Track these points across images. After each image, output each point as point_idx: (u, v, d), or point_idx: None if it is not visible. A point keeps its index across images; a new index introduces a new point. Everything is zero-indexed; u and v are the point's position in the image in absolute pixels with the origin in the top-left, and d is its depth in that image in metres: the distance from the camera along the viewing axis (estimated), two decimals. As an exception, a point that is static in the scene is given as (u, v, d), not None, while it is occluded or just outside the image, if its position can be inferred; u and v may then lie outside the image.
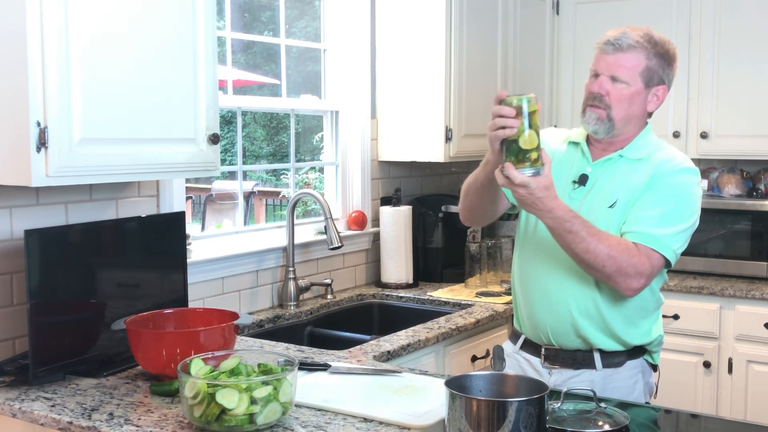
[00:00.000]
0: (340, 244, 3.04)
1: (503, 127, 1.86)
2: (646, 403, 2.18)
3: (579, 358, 2.17)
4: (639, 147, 2.15)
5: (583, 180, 2.16)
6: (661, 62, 2.12)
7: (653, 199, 2.07)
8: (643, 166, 2.12)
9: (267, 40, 3.51)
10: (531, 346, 2.26)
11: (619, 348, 2.16)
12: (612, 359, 2.16)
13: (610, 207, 2.10)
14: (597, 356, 2.16)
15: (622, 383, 2.16)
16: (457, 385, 1.60)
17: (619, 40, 2.09)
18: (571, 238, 1.95)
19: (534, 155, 1.87)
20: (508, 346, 2.32)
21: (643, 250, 2.01)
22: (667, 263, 2.06)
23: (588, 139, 2.21)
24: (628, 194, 2.10)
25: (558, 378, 2.18)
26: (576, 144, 2.23)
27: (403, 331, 2.78)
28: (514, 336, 2.34)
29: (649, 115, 2.19)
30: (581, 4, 4.15)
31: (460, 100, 3.50)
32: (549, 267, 2.16)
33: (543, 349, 2.22)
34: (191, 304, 2.62)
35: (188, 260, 2.59)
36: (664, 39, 2.14)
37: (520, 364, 2.27)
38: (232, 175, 4.55)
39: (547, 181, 1.89)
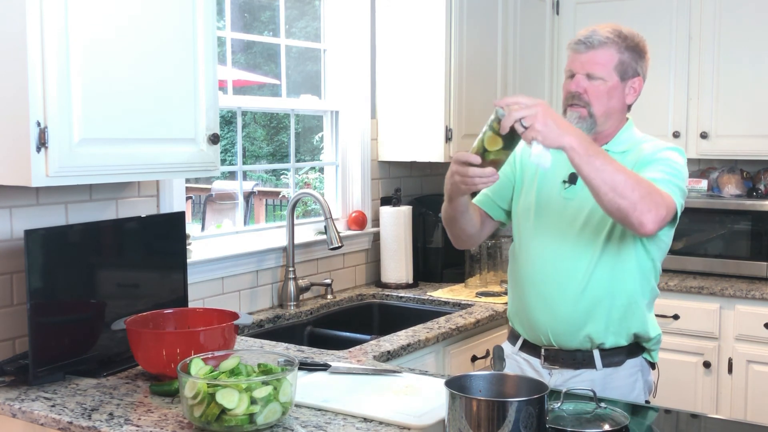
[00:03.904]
0: (340, 244, 3.04)
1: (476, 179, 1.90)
2: (646, 401, 2.19)
3: (579, 357, 2.18)
4: (623, 141, 2.18)
5: (573, 178, 2.16)
6: (633, 55, 2.14)
7: (650, 167, 2.05)
8: (629, 157, 2.13)
9: (267, 40, 3.51)
10: (530, 347, 2.26)
11: (621, 342, 2.16)
12: (612, 358, 2.16)
13: None
14: (597, 355, 2.16)
15: (622, 382, 2.16)
16: (457, 385, 1.60)
17: (589, 38, 2.12)
18: (602, 158, 1.87)
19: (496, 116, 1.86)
20: (508, 347, 2.32)
21: (660, 188, 1.96)
22: (675, 216, 2.00)
23: None
24: None
25: (558, 378, 2.19)
26: None
27: (403, 331, 2.78)
28: (513, 337, 2.34)
29: (628, 108, 2.21)
30: (581, 4, 4.15)
31: (460, 100, 3.50)
32: (545, 269, 2.17)
33: (543, 350, 2.22)
34: (191, 304, 2.62)
35: (188, 260, 2.59)
36: (633, 32, 2.16)
37: (519, 365, 2.27)
38: (232, 175, 4.55)
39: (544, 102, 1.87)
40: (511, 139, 1.85)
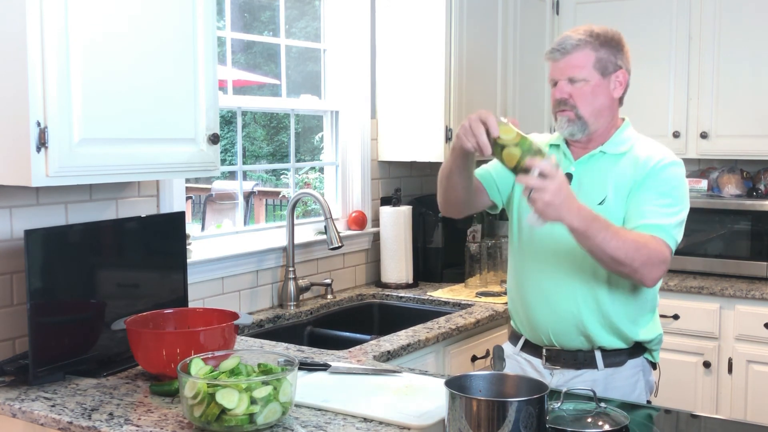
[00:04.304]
0: (340, 244, 3.04)
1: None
2: (647, 401, 2.19)
3: (580, 358, 2.18)
4: (619, 142, 2.18)
5: (568, 179, 2.16)
6: (610, 50, 2.15)
7: (650, 195, 2.08)
8: (625, 159, 2.15)
9: (267, 40, 3.51)
10: (531, 348, 2.26)
11: (621, 345, 2.16)
12: (613, 358, 2.17)
13: (600, 204, 2.11)
14: (598, 356, 2.16)
15: (623, 382, 2.17)
16: (457, 385, 1.60)
17: (562, 44, 2.14)
18: (602, 236, 1.92)
19: (540, 149, 1.88)
20: (509, 348, 2.33)
21: (657, 240, 2.03)
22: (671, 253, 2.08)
23: (567, 141, 2.23)
24: (617, 189, 2.12)
25: (560, 379, 2.19)
26: (557, 146, 2.26)
27: (403, 331, 2.78)
28: (514, 337, 2.34)
29: (620, 102, 2.21)
30: (581, 4, 4.15)
31: (460, 100, 3.50)
32: (547, 269, 2.17)
33: (544, 350, 2.22)
34: (191, 304, 2.62)
35: (188, 260, 2.59)
36: (606, 29, 2.18)
37: (521, 365, 2.27)
38: (232, 175, 4.55)
39: (564, 179, 1.89)
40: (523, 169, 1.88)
